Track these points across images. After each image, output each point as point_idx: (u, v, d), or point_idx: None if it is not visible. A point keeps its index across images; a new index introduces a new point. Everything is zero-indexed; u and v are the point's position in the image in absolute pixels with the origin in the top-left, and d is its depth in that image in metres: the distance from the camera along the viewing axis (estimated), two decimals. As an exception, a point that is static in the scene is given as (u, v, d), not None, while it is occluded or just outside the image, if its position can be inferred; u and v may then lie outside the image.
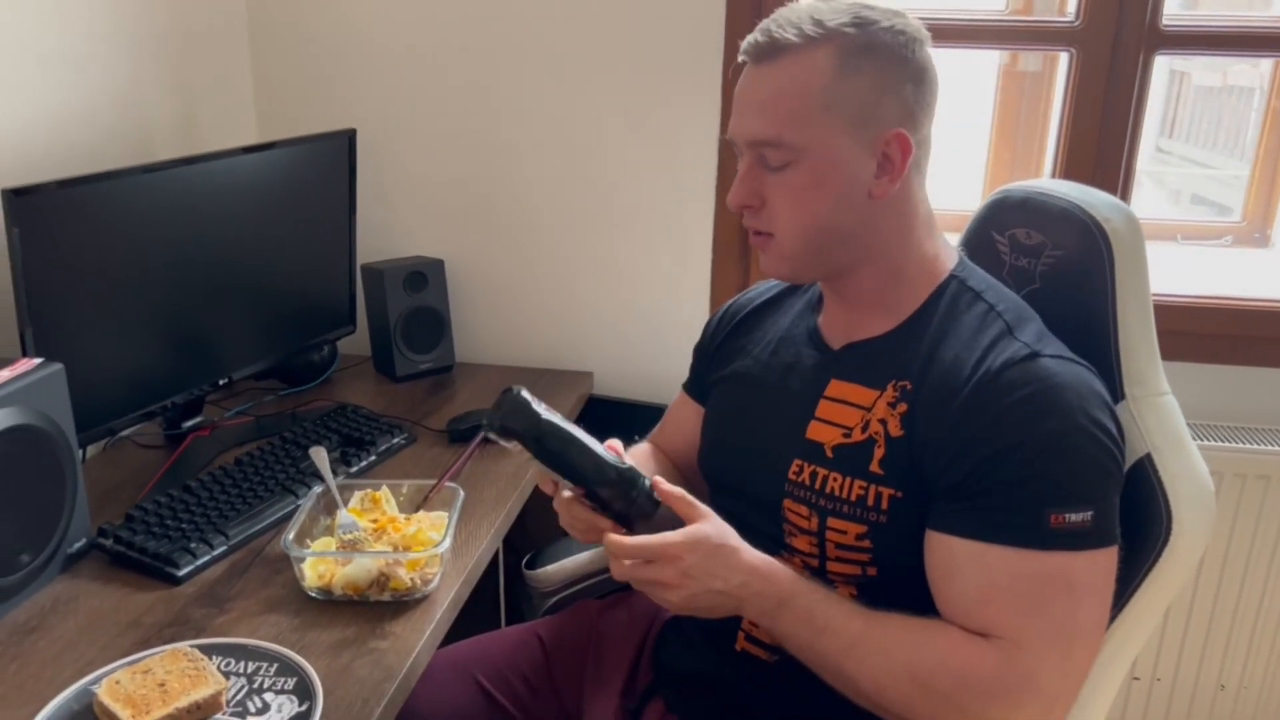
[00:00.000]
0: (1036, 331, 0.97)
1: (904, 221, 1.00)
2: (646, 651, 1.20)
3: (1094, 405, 0.92)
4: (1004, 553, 0.89)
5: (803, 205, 0.97)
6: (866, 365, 1.02)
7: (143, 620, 1.06)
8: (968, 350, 0.96)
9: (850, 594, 0.99)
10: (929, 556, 0.94)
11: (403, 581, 1.08)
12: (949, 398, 0.94)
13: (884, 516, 0.96)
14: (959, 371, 0.95)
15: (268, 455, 1.38)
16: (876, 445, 0.97)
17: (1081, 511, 0.89)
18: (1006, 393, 0.91)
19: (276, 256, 1.56)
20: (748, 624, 1.04)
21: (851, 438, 0.99)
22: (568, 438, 0.94)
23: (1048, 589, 0.89)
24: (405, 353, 1.76)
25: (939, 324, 0.99)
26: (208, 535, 1.18)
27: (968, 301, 1.00)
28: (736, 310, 1.22)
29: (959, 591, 0.92)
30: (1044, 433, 0.89)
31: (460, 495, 1.20)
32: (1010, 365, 0.92)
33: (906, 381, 0.98)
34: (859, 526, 0.97)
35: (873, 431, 0.98)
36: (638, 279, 1.80)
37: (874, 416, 0.98)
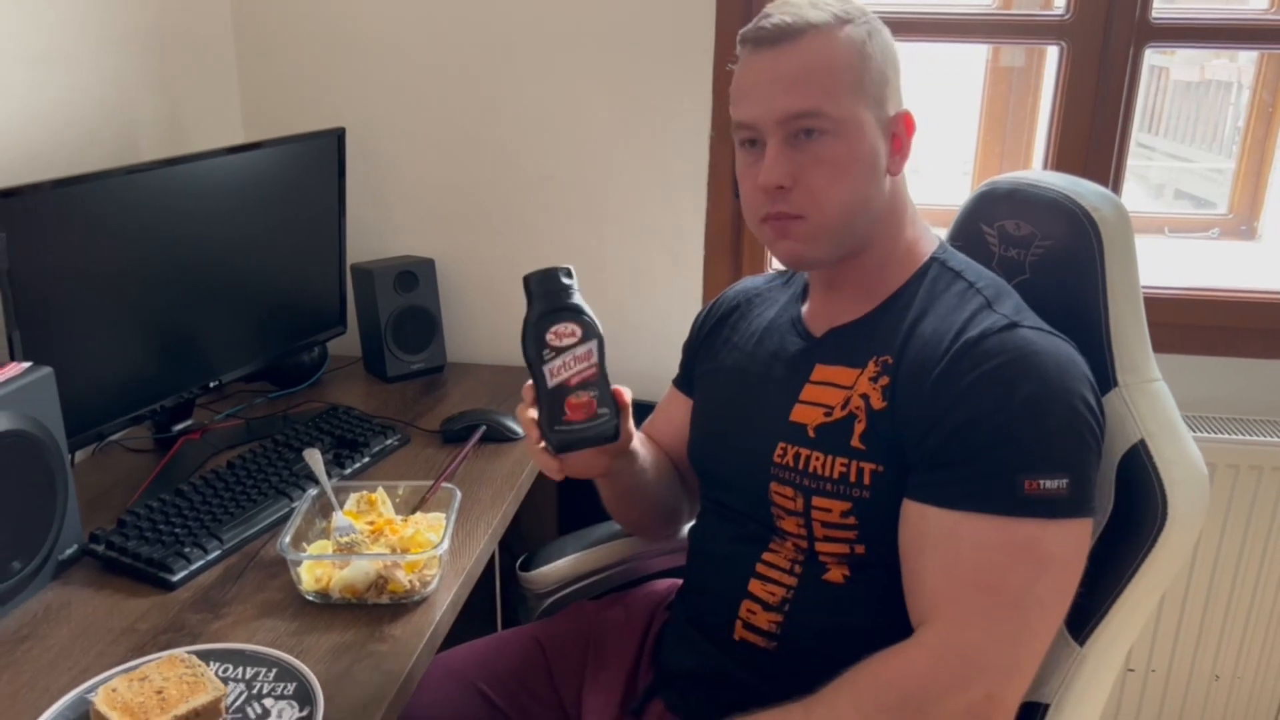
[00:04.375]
0: (1015, 305, 0.99)
1: (900, 203, 1.04)
2: (645, 653, 1.20)
3: (1072, 376, 0.93)
4: (975, 522, 0.90)
5: (840, 180, 0.97)
6: (849, 346, 1.03)
7: (137, 627, 1.05)
8: (947, 323, 0.97)
9: (844, 575, 0.99)
10: (903, 529, 0.95)
11: (401, 584, 1.07)
12: (928, 368, 0.95)
13: (867, 492, 0.96)
14: (938, 343, 0.96)
15: (260, 458, 1.36)
16: (857, 420, 0.98)
17: (1057, 479, 0.89)
18: (984, 360, 0.92)
19: (265, 257, 1.55)
20: (745, 611, 1.04)
21: (832, 416, 1.00)
22: (559, 346, 0.94)
23: (1011, 558, 0.89)
24: (396, 353, 1.74)
25: (920, 301, 1.01)
26: (201, 539, 1.16)
27: (947, 280, 1.03)
28: (722, 304, 1.23)
29: (925, 566, 0.93)
30: (1020, 398, 0.90)
31: (457, 496, 1.19)
32: (989, 335, 0.94)
33: (888, 356, 0.99)
34: (843, 504, 0.97)
35: (853, 407, 0.99)
36: (629, 277, 1.80)
37: (855, 393, 0.99)
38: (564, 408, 0.96)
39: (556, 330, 0.95)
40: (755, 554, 1.06)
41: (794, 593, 1.02)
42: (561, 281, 0.96)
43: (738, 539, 1.08)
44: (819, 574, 1.01)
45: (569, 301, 0.96)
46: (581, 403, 0.96)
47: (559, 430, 0.96)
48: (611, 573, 1.36)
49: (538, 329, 0.95)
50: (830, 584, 1.01)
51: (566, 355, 0.95)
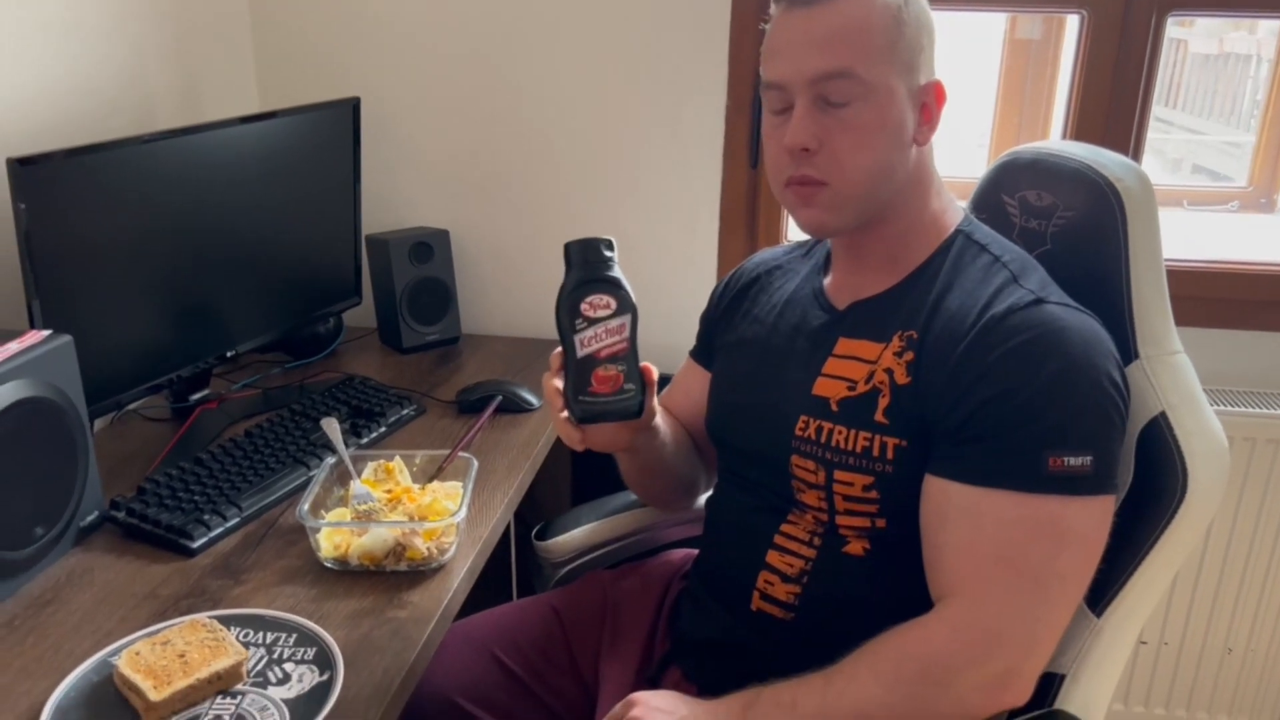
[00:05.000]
0: (1041, 280, 0.98)
1: (925, 174, 1.03)
2: (662, 621, 1.20)
3: (1098, 352, 0.92)
4: (998, 498, 0.90)
5: (868, 145, 0.96)
6: (873, 320, 1.02)
7: (159, 592, 1.06)
8: (972, 298, 0.97)
9: (864, 549, 1.00)
10: (925, 503, 0.95)
11: (419, 551, 1.07)
12: (953, 343, 0.95)
13: (890, 466, 0.96)
14: (964, 318, 0.96)
15: (277, 427, 1.37)
16: (881, 395, 0.98)
17: (1081, 455, 0.89)
18: (1009, 336, 0.92)
19: (281, 227, 1.55)
20: (762, 582, 1.05)
21: (856, 390, 1.00)
22: (594, 318, 0.94)
23: (1033, 534, 0.89)
24: (411, 324, 1.75)
25: (945, 275, 1.01)
26: (220, 507, 1.17)
27: (973, 254, 1.02)
28: (742, 275, 1.22)
29: (947, 541, 0.93)
30: (1045, 375, 0.90)
31: (474, 465, 1.20)
32: (1014, 311, 0.93)
33: (913, 331, 0.99)
34: (865, 478, 0.97)
35: (877, 382, 0.98)
36: (644, 248, 1.79)
37: (879, 367, 0.99)
38: (590, 379, 0.96)
39: (592, 301, 0.95)
40: (774, 525, 1.06)
41: (813, 565, 1.02)
42: (602, 253, 0.96)
43: (756, 510, 1.08)
44: (839, 547, 1.01)
45: (607, 273, 0.95)
46: (609, 376, 0.96)
47: (583, 401, 0.96)
48: (627, 542, 1.37)
49: (573, 298, 0.95)
50: (850, 557, 1.01)
51: (599, 327, 0.95)
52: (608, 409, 0.97)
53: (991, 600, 0.90)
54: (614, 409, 0.97)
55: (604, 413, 0.97)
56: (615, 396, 0.96)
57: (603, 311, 0.95)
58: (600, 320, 0.95)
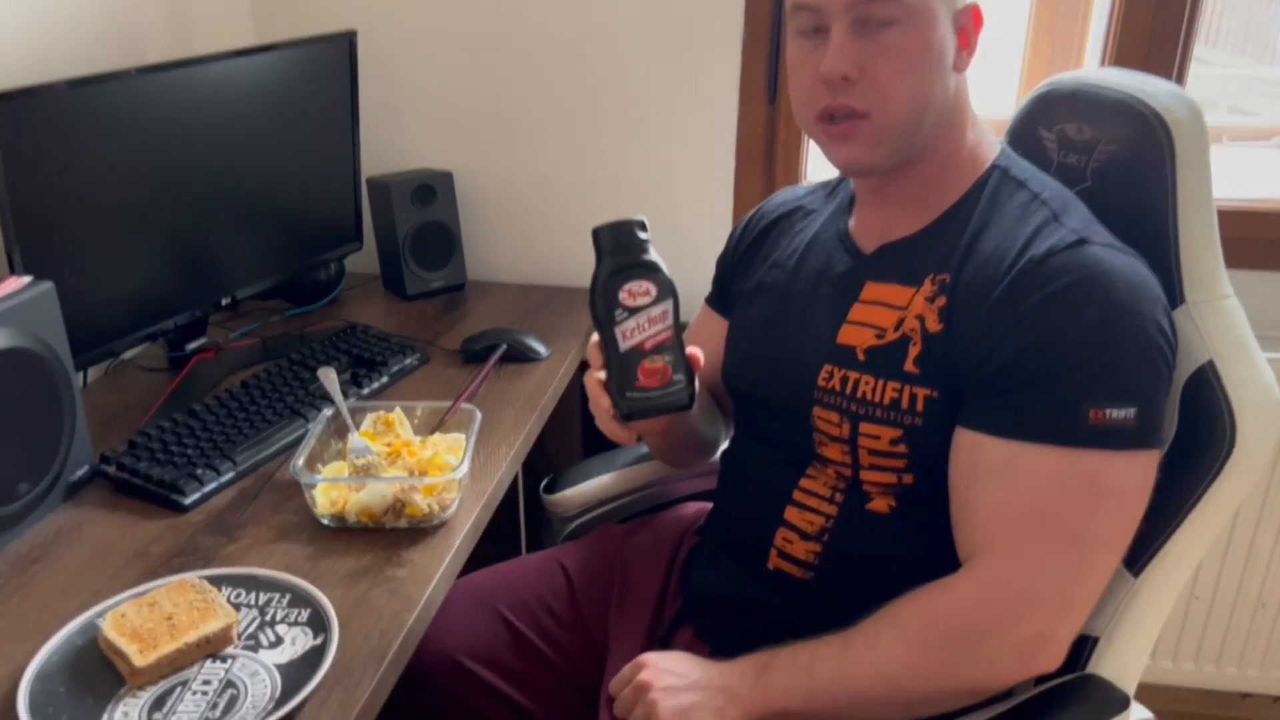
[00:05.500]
0: (1083, 219, 0.91)
1: (962, 105, 0.96)
2: (673, 577, 1.16)
3: (1145, 297, 0.86)
4: (1035, 452, 0.84)
5: (912, 71, 0.89)
6: (902, 264, 0.96)
7: (149, 550, 1.02)
8: (1009, 239, 0.90)
9: (889, 506, 0.94)
10: (955, 457, 0.89)
11: (419, 508, 1.02)
12: (989, 288, 0.88)
13: (919, 419, 0.90)
14: (1000, 260, 0.89)
15: (275, 378, 1.32)
16: (911, 343, 0.91)
17: (1124, 408, 0.83)
18: (1050, 280, 0.85)
19: (277, 167, 1.48)
20: (780, 540, 1.00)
21: (885, 338, 0.94)
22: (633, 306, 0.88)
23: (1071, 491, 0.84)
24: (415, 270, 1.68)
25: (980, 214, 0.94)
26: (214, 461, 1.12)
27: (1010, 191, 0.95)
28: (760, 217, 1.15)
29: (978, 498, 0.87)
30: (1088, 322, 0.84)
31: (477, 417, 1.15)
32: (1055, 252, 0.87)
33: (945, 274, 0.92)
34: (893, 430, 0.91)
35: (907, 329, 0.92)
36: (657, 190, 1.72)
37: (910, 314, 0.93)
38: (636, 373, 0.89)
39: (630, 289, 0.88)
40: (792, 480, 1.00)
41: (834, 522, 0.97)
42: (636, 235, 0.89)
43: (774, 464, 1.03)
44: (862, 503, 0.96)
45: (644, 258, 0.88)
46: (656, 368, 0.90)
47: (630, 398, 0.90)
48: (638, 495, 1.32)
49: (609, 287, 0.88)
50: (874, 514, 0.95)
51: (640, 316, 0.88)
52: (658, 403, 0.90)
53: (1025, 560, 0.85)
54: (664, 403, 0.90)
55: (653, 408, 0.90)
56: (664, 390, 0.90)
57: (643, 299, 0.88)
58: (641, 309, 0.88)
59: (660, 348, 0.89)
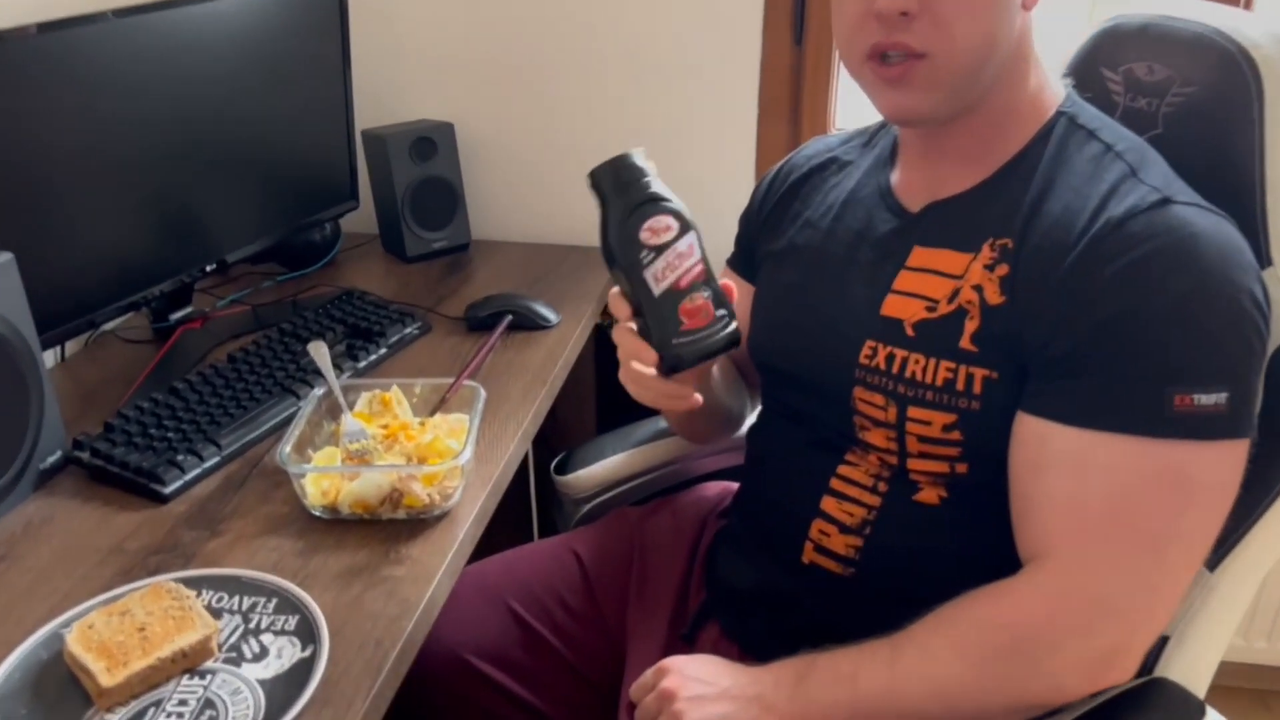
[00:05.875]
0: (1164, 174, 0.80)
1: (1026, 46, 0.84)
2: (697, 566, 1.07)
3: (1237, 264, 0.75)
4: (1112, 443, 0.74)
5: (980, 8, 0.78)
6: (956, 226, 0.85)
7: (125, 546, 0.93)
8: (1081, 198, 0.79)
9: (939, 497, 0.85)
10: (1018, 446, 0.79)
11: (419, 498, 0.93)
12: (1059, 254, 0.78)
13: (976, 402, 0.80)
14: (1071, 223, 0.78)
15: (264, 350, 1.22)
16: (968, 317, 0.81)
17: (1215, 393, 0.73)
18: (1130, 246, 0.75)
19: (264, 119, 1.36)
20: (816, 532, 0.90)
21: (937, 311, 0.83)
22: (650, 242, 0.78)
23: (1154, 487, 0.74)
24: (415, 230, 1.58)
25: (1046, 169, 0.83)
26: (197, 445, 1.03)
27: (1079, 141, 0.84)
28: (790, 171, 1.04)
29: (1044, 493, 0.77)
30: (1175, 295, 0.73)
31: (481, 395, 1.05)
32: (1136, 213, 0.76)
33: (1006, 239, 0.81)
34: (946, 415, 0.81)
35: (963, 301, 0.82)
36: (674, 140, 1.60)
37: (966, 284, 0.82)
38: (679, 316, 0.79)
39: (650, 226, 0.78)
40: (829, 466, 0.91)
41: (877, 514, 0.87)
42: (639, 168, 0.79)
43: (809, 447, 0.93)
44: (908, 494, 0.86)
45: (654, 191, 0.79)
46: (697, 307, 0.80)
47: (679, 343, 0.80)
48: (657, 475, 1.23)
49: (628, 229, 0.78)
50: (922, 506, 0.86)
51: (669, 254, 0.79)
52: (709, 344, 0.81)
53: (1098, 564, 0.75)
54: (715, 343, 0.81)
55: (706, 350, 0.81)
56: (711, 328, 0.81)
57: (667, 235, 0.79)
58: (668, 245, 0.78)
59: (696, 283, 0.80)
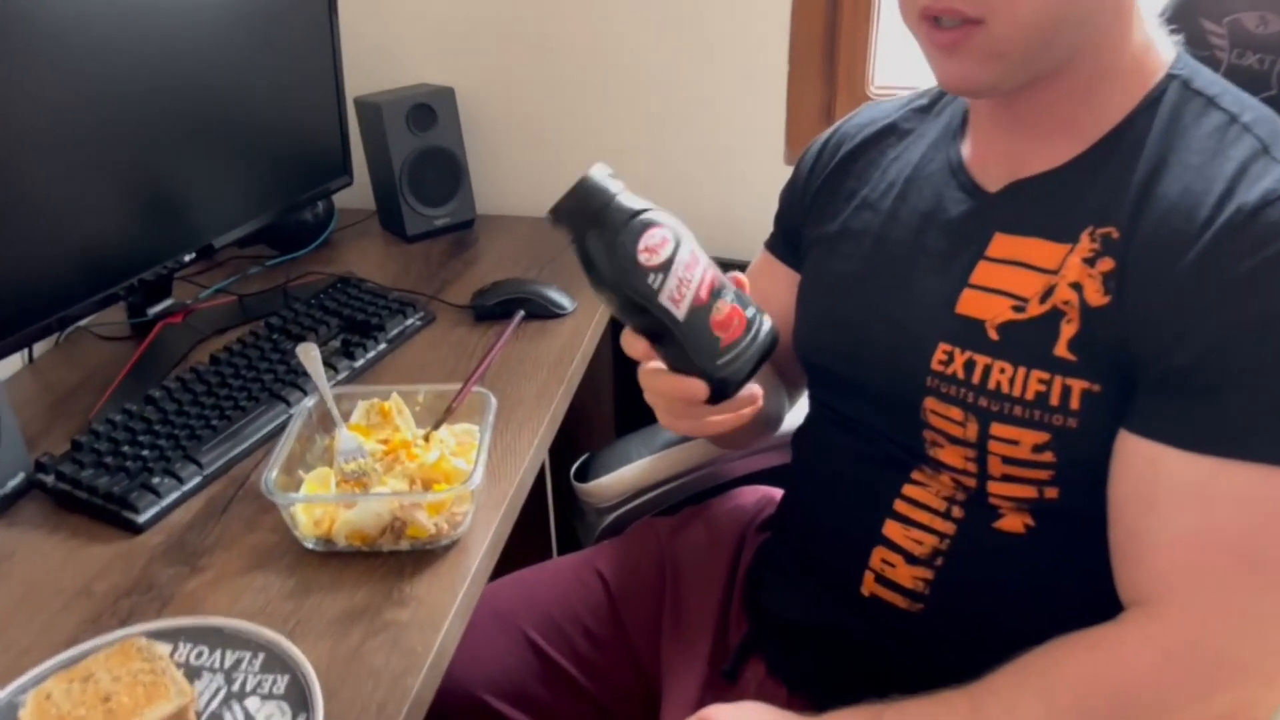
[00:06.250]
0: None
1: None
2: (736, 589, 0.96)
3: None
4: (1241, 472, 0.63)
5: None
6: (1046, 210, 0.73)
7: (94, 587, 0.82)
8: (1204, 179, 0.67)
9: (1025, 524, 0.73)
10: (1121, 473, 0.68)
11: (424, 528, 0.82)
12: (1178, 247, 0.66)
13: (1073, 419, 0.69)
14: (1193, 209, 0.66)
15: (250, 350, 1.11)
16: (1065, 320, 0.69)
17: None
18: (1268, 239, 0.63)
19: (244, 87, 1.23)
20: (879, 561, 0.79)
21: (1027, 311, 0.71)
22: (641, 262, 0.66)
23: None
24: (415, 206, 1.45)
25: (1156, 143, 0.70)
26: (175, 465, 0.92)
27: (1196, 110, 0.71)
28: (840, 142, 0.91)
29: (1158, 528, 0.66)
30: None
31: (492, 404, 0.93)
32: (1273, 199, 0.64)
33: (1110, 228, 0.69)
34: (1038, 434, 0.70)
35: (1059, 300, 0.70)
36: (693, 102, 1.46)
37: (1063, 280, 0.70)
38: (713, 332, 0.68)
39: (646, 246, 0.67)
40: (893, 486, 0.79)
41: (951, 543, 0.76)
42: (603, 188, 0.67)
43: (867, 462, 0.82)
44: (988, 520, 0.75)
45: (632, 206, 0.67)
46: (727, 315, 0.69)
47: (726, 361, 0.69)
48: (687, 480, 1.11)
49: (622, 257, 0.66)
50: (1004, 534, 0.74)
51: (676, 269, 0.67)
52: (757, 351, 0.71)
53: (1222, 613, 0.64)
54: (761, 346, 0.71)
55: (757, 357, 0.70)
56: (749, 333, 0.70)
57: (666, 250, 0.68)
58: (671, 260, 0.67)
59: (716, 290, 0.69)
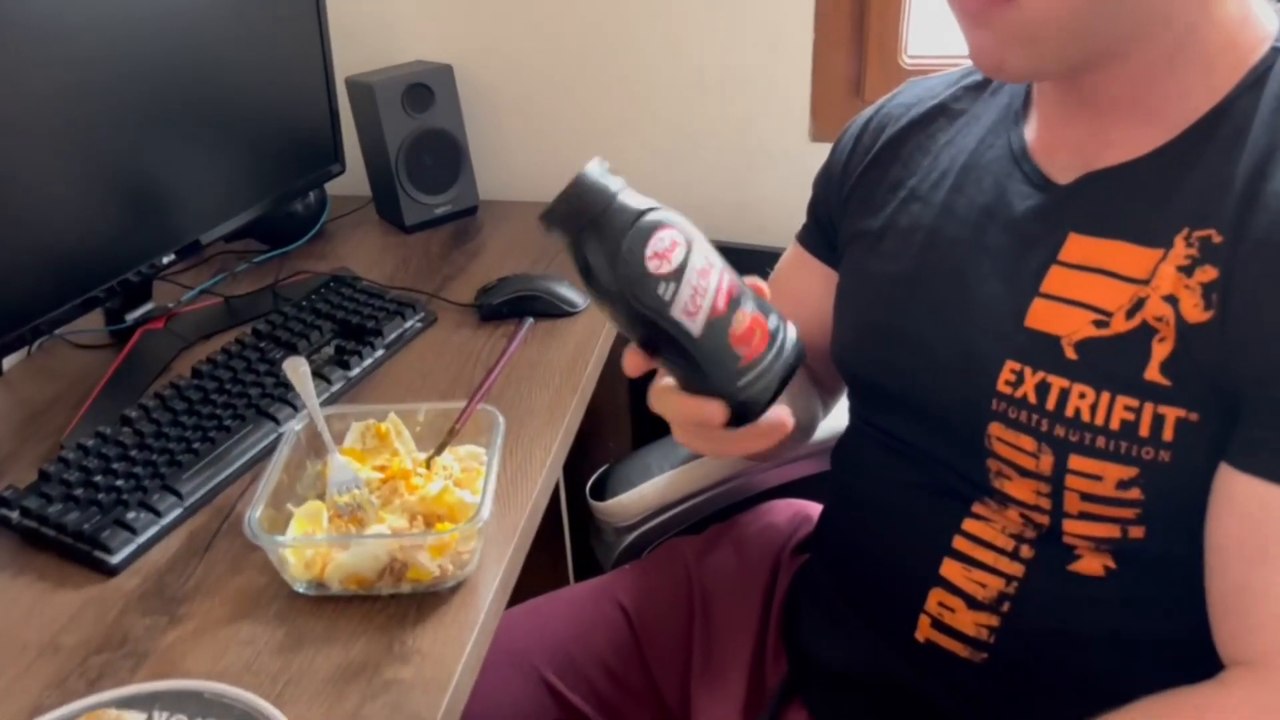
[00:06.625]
0: None
1: None
2: (772, 622, 0.87)
3: None
4: None
5: None
6: (1130, 207, 0.63)
7: (60, 641, 0.74)
8: None
9: (1105, 567, 0.65)
10: (1224, 514, 0.59)
11: (426, 570, 0.73)
12: None
13: (1165, 453, 0.60)
14: None
15: (236, 361, 1.01)
16: (1157, 338, 0.60)
17: None
18: None
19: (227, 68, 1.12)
20: (935, 604, 0.70)
21: (1111, 327, 0.62)
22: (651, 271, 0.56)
23: None
24: (413, 194, 1.35)
25: (1264, 130, 0.60)
26: (153, 496, 0.83)
27: None
28: (883, 123, 0.82)
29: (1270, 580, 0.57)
30: None
31: (500, 424, 0.84)
32: None
33: (1210, 230, 0.60)
34: (1124, 469, 0.61)
35: (1151, 315, 0.60)
36: (711, 76, 1.36)
37: (1154, 292, 0.61)
38: (732, 347, 0.57)
39: (655, 251, 0.56)
40: (951, 521, 0.70)
41: (1019, 586, 0.67)
42: (601, 186, 0.56)
43: (918, 490, 0.73)
44: (1062, 561, 0.66)
45: (636, 206, 0.56)
46: (748, 328, 0.57)
47: (748, 381, 0.58)
48: (713, 494, 1.03)
49: (629, 265, 0.55)
50: (1081, 578, 0.66)
51: (689, 276, 0.56)
52: (782, 368, 0.59)
53: None
54: (786, 363, 0.60)
55: (782, 376, 0.59)
56: (773, 347, 0.59)
57: (677, 254, 0.56)
58: (684, 267, 0.56)
59: (735, 298, 0.58)
